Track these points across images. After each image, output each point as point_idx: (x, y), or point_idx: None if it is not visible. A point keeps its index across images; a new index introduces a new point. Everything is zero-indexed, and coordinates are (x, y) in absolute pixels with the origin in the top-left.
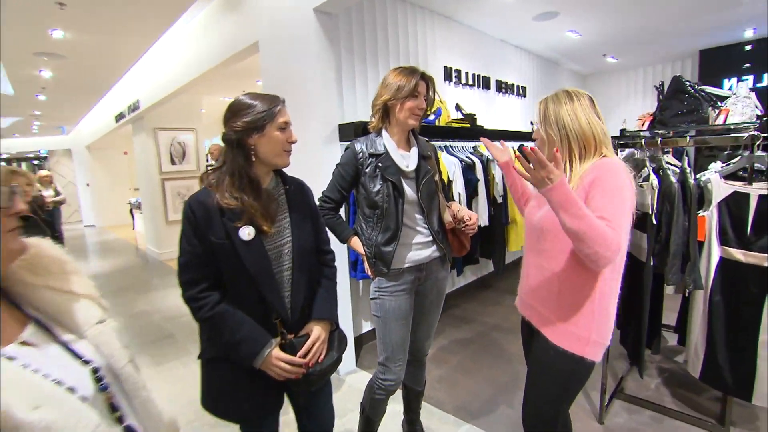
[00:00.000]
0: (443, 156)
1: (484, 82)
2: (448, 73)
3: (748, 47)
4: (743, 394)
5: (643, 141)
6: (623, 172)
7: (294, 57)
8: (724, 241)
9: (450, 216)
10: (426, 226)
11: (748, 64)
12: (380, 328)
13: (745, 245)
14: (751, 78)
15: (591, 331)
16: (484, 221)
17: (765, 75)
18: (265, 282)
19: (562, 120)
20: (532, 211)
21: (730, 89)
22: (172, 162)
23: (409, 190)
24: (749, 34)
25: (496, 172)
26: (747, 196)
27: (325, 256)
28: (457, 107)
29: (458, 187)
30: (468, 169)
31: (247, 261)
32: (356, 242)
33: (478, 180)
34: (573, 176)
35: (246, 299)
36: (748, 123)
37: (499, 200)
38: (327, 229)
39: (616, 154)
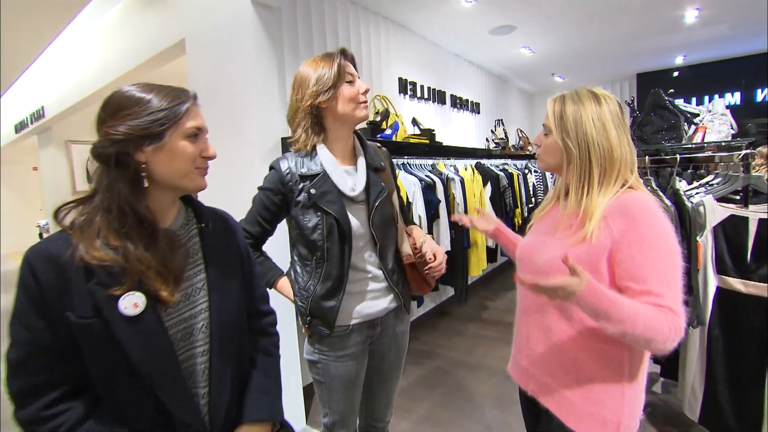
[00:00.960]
0: (402, 175)
1: (440, 97)
2: (403, 85)
3: (675, 73)
4: None
5: None
6: (661, 213)
7: (227, 57)
8: (721, 269)
9: (410, 247)
10: (380, 265)
11: (672, 90)
12: (323, 393)
13: (745, 274)
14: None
15: (622, 414)
16: (445, 246)
17: (694, 99)
18: (165, 380)
19: (584, 128)
20: (529, 250)
21: (701, 105)
22: (89, 180)
23: (356, 222)
24: (679, 60)
25: (457, 192)
26: (745, 220)
27: (261, 321)
28: (414, 122)
29: (419, 210)
30: (428, 189)
31: (133, 349)
32: (284, 286)
33: (439, 201)
34: (590, 210)
35: (133, 408)
36: (739, 141)
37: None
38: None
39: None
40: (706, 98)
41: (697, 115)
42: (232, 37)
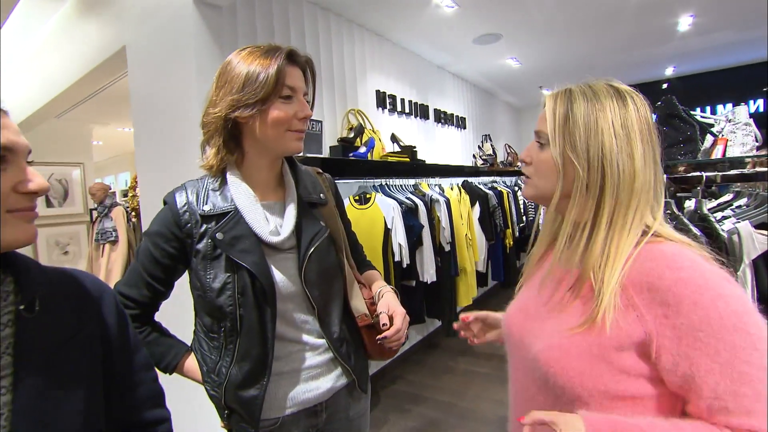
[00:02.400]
0: (379, 198)
1: (422, 111)
2: (381, 99)
3: (664, 85)
4: None
5: None
6: (715, 276)
7: (169, 65)
8: (766, 311)
9: (365, 304)
10: (321, 333)
11: (659, 102)
12: None
13: None
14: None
15: None
16: (430, 276)
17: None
18: None
19: (600, 139)
20: (519, 329)
21: (714, 113)
22: (49, 204)
23: (283, 278)
24: (669, 71)
25: (442, 215)
26: None
27: None
28: (393, 138)
29: (398, 237)
30: (409, 214)
31: None
32: (192, 367)
33: (422, 226)
34: (596, 272)
35: None
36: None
37: (447, 248)
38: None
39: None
40: (698, 109)
41: (713, 125)
42: (174, 42)
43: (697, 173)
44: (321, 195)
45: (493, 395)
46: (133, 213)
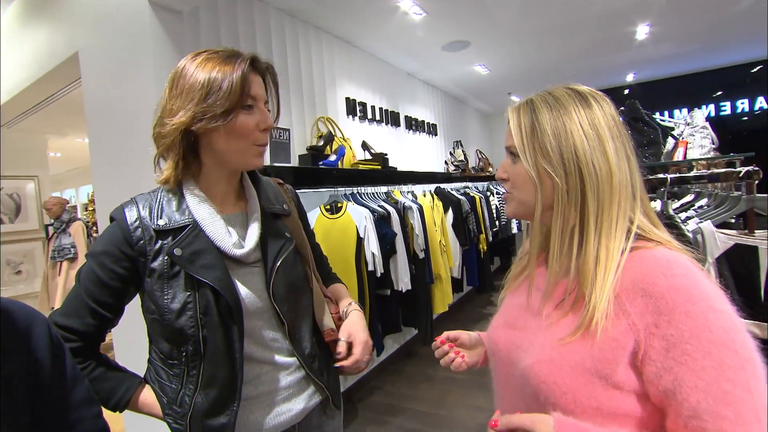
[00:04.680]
0: (350, 207)
1: (393, 118)
2: (351, 106)
3: (626, 91)
4: None
5: None
6: (710, 286)
7: (125, 72)
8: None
9: (332, 317)
10: (292, 350)
11: (622, 107)
12: None
13: (761, 315)
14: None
15: None
16: (405, 284)
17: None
18: None
19: (571, 143)
20: (506, 343)
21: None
22: None
23: (249, 294)
24: (630, 77)
25: (415, 222)
26: (754, 250)
27: None
28: (364, 146)
29: (372, 246)
30: (382, 222)
31: None
32: (148, 401)
33: (395, 234)
34: (589, 280)
35: None
36: (734, 157)
37: (421, 255)
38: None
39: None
40: (657, 114)
41: (673, 128)
42: (130, 48)
43: (661, 175)
44: (284, 206)
45: (472, 402)
46: (94, 228)
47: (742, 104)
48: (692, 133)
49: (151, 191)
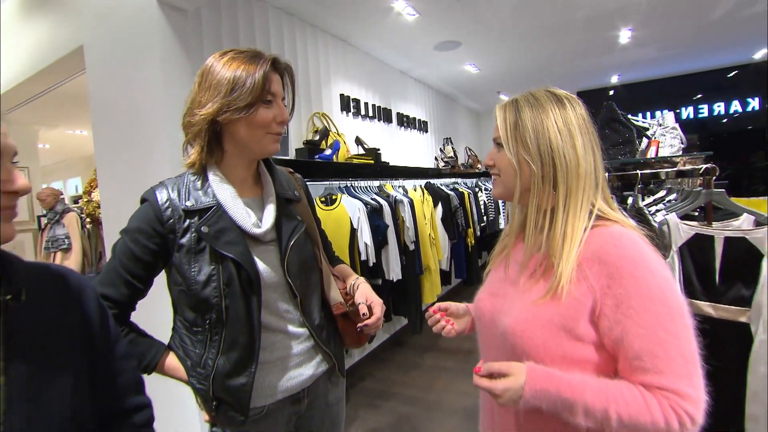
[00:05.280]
0: (344, 199)
1: (385, 115)
2: (345, 103)
3: (611, 92)
4: None
5: None
6: (653, 256)
7: (131, 68)
8: (689, 292)
9: (340, 293)
10: (303, 321)
11: (603, 108)
12: None
13: (715, 297)
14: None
15: None
16: (396, 274)
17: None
18: None
19: (547, 138)
20: (490, 308)
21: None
22: None
23: (266, 268)
24: (615, 79)
25: (406, 215)
26: (711, 239)
27: (127, 422)
28: (358, 141)
29: (365, 237)
30: (374, 214)
31: None
32: (174, 365)
33: (387, 226)
34: (557, 251)
35: None
36: (699, 155)
37: (411, 247)
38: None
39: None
40: (640, 115)
41: (647, 128)
42: (137, 44)
43: (633, 172)
44: (295, 192)
45: (458, 387)
46: (88, 219)
47: (719, 107)
48: (663, 134)
49: (178, 176)
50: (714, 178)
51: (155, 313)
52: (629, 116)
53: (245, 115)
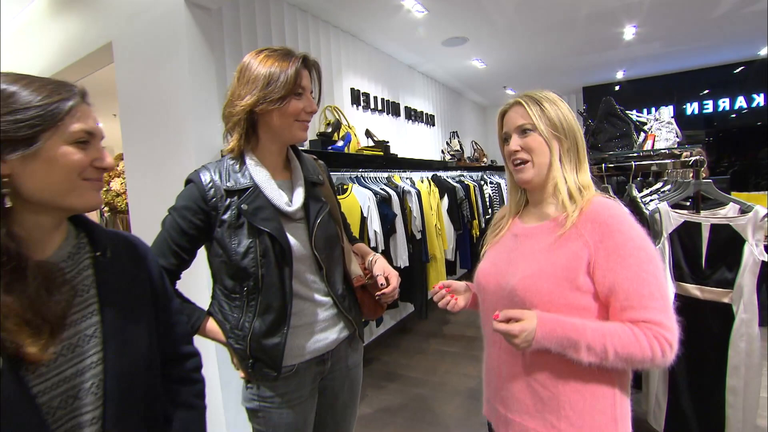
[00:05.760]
0: (355, 189)
1: (394, 109)
2: (355, 96)
3: (616, 87)
4: None
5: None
6: (631, 217)
7: (160, 63)
8: (678, 275)
9: (359, 267)
10: (327, 291)
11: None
12: None
13: (701, 280)
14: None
15: None
16: (403, 261)
17: (634, 111)
18: None
19: (567, 119)
20: (495, 275)
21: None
22: None
23: (296, 242)
24: (620, 75)
25: (413, 206)
26: (698, 226)
27: (181, 366)
28: (368, 134)
29: (374, 225)
30: (383, 203)
31: None
32: (213, 329)
33: (395, 215)
34: (576, 203)
35: None
36: (689, 148)
37: (418, 236)
38: None
39: None
40: (645, 111)
41: (645, 123)
42: (165, 41)
43: (628, 163)
44: (319, 176)
45: (461, 370)
46: (106, 208)
47: (724, 103)
48: (659, 128)
49: (217, 161)
50: (703, 168)
51: (190, 287)
52: (627, 111)
53: (279, 106)
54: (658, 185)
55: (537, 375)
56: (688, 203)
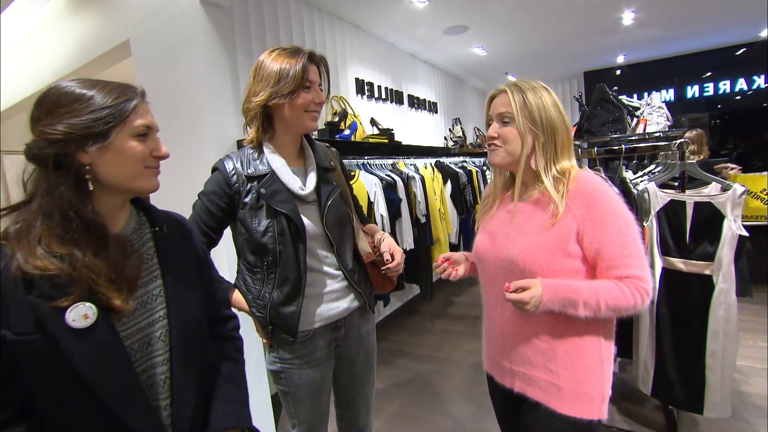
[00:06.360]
0: (362, 175)
1: (397, 97)
2: (360, 86)
3: (618, 71)
4: (695, 407)
5: (579, 151)
6: (610, 188)
7: (176, 59)
8: (665, 251)
9: (368, 244)
10: (338, 265)
11: (616, 87)
12: (289, 403)
13: (685, 254)
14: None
15: (604, 385)
16: (409, 244)
17: (635, 95)
18: (122, 394)
19: (548, 114)
20: (493, 248)
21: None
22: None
23: (309, 222)
24: (621, 59)
25: (418, 191)
26: (683, 204)
27: (223, 326)
28: (373, 122)
29: (380, 209)
30: (389, 189)
31: (84, 364)
32: (238, 299)
33: (401, 200)
34: (560, 185)
35: (87, 429)
36: (676, 132)
37: (422, 220)
38: None
39: None
40: (646, 94)
41: (638, 108)
42: (181, 38)
43: (619, 146)
44: (331, 162)
45: (465, 347)
46: None
47: (725, 85)
48: (651, 112)
49: (239, 150)
50: (688, 150)
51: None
52: (621, 97)
53: (289, 100)
54: (652, 167)
55: (537, 332)
56: (676, 183)
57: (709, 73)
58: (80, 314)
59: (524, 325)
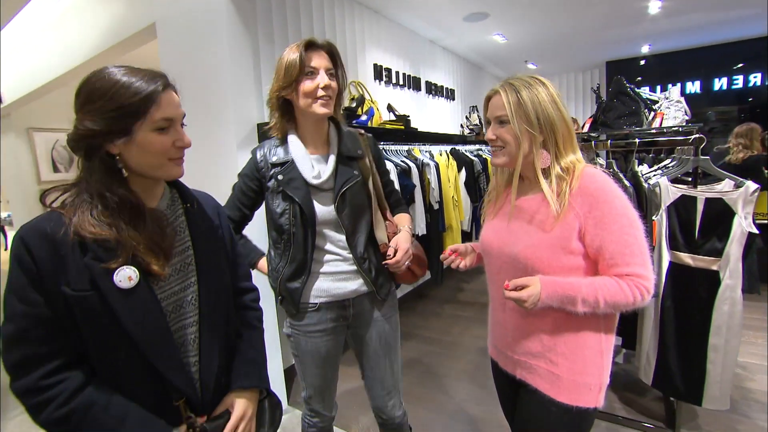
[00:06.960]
0: None
1: (415, 83)
2: (378, 72)
3: (642, 62)
4: (694, 399)
5: (593, 143)
6: (614, 185)
7: (200, 43)
8: (673, 245)
9: (386, 235)
10: (349, 250)
11: (639, 78)
12: (298, 366)
13: (694, 249)
14: (646, 89)
15: (602, 375)
16: (421, 230)
17: (658, 87)
18: (159, 348)
19: (545, 110)
20: (498, 242)
21: (664, 92)
22: (56, 170)
23: (322, 209)
24: (645, 49)
25: (432, 177)
26: (694, 199)
27: (244, 297)
28: (389, 108)
29: None
30: (404, 175)
31: (128, 320)
32: (263, 266)
33: (415, 186)
34: (563, 184)
35: (129, 377)
36: (691, 126)
37: (435, 206)
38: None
39: None
40: (669, 86)
41: (656, 101)
42: (206, 23)
43: (632, 140)
44: (358, 151)
45: (473, 332)
46: None
47: (755, 78)
48: (668, 106)
49: (270, 138)
50: (702, 147)
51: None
52: (642, 90)
53: (293, 89)
54: (667, 161)
55: (539, 325)
56: (690, 179)
57: (740, 65)
58: (126, 276)
59: (526, 317)
